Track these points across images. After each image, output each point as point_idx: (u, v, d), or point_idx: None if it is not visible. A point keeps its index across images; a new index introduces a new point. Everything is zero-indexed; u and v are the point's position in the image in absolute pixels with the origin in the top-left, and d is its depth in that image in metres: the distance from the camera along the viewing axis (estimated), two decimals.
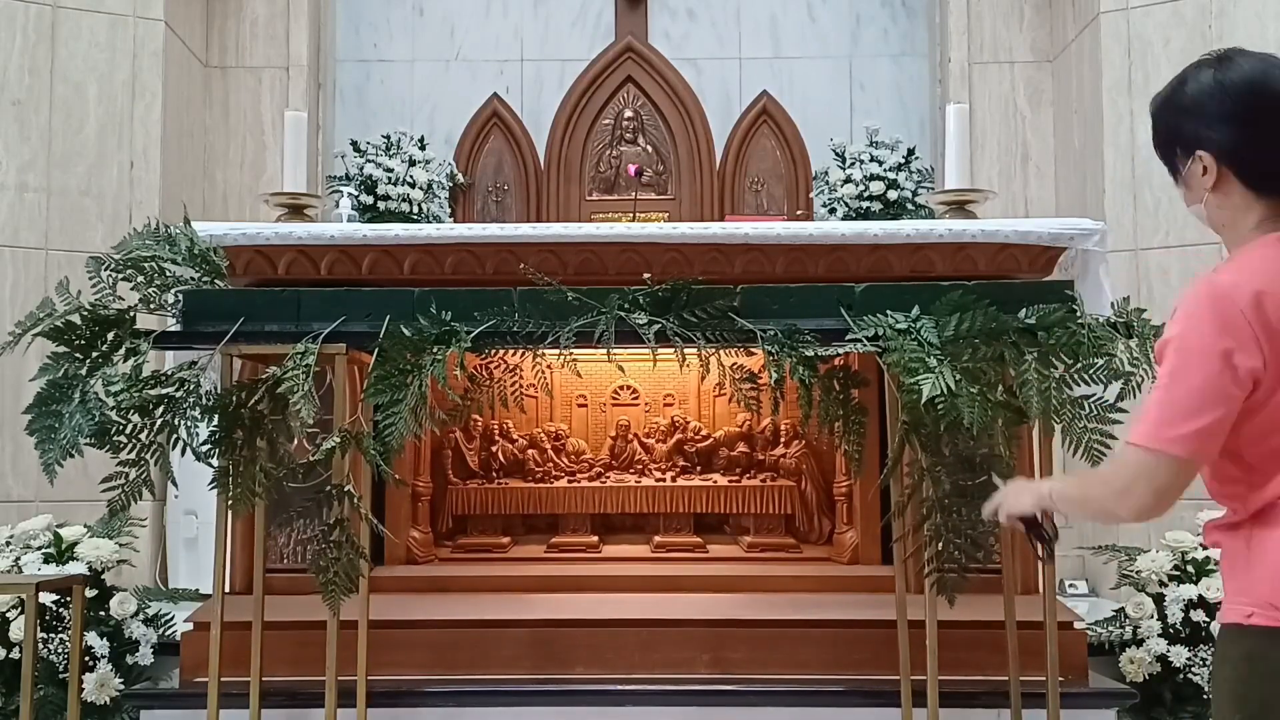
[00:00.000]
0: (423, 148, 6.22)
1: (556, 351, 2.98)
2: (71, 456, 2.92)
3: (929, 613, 3.00)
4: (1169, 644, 3.90)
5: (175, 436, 2.98)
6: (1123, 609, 4.06)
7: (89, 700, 3.59)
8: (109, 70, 5.33)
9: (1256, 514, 1.82)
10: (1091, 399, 2.94)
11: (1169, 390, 1.78)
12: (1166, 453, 1.77)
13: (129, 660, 3.77)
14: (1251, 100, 1.81)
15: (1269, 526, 1.80)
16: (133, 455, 2.96)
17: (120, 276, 3.18)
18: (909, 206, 6.02)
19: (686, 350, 3.00)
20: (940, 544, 2.96)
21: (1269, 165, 1.82)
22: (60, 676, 3.63)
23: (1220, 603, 1.93)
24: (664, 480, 4.12)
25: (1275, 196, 1.83)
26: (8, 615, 3.66)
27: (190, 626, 3.50)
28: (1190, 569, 4.03)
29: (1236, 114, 1.81)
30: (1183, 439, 1.76)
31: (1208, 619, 3.89)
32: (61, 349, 3.00)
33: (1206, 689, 3.70)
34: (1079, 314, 2.99)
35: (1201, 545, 3.99)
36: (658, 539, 4.07)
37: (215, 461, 3.01)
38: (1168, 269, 5.08)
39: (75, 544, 3.91)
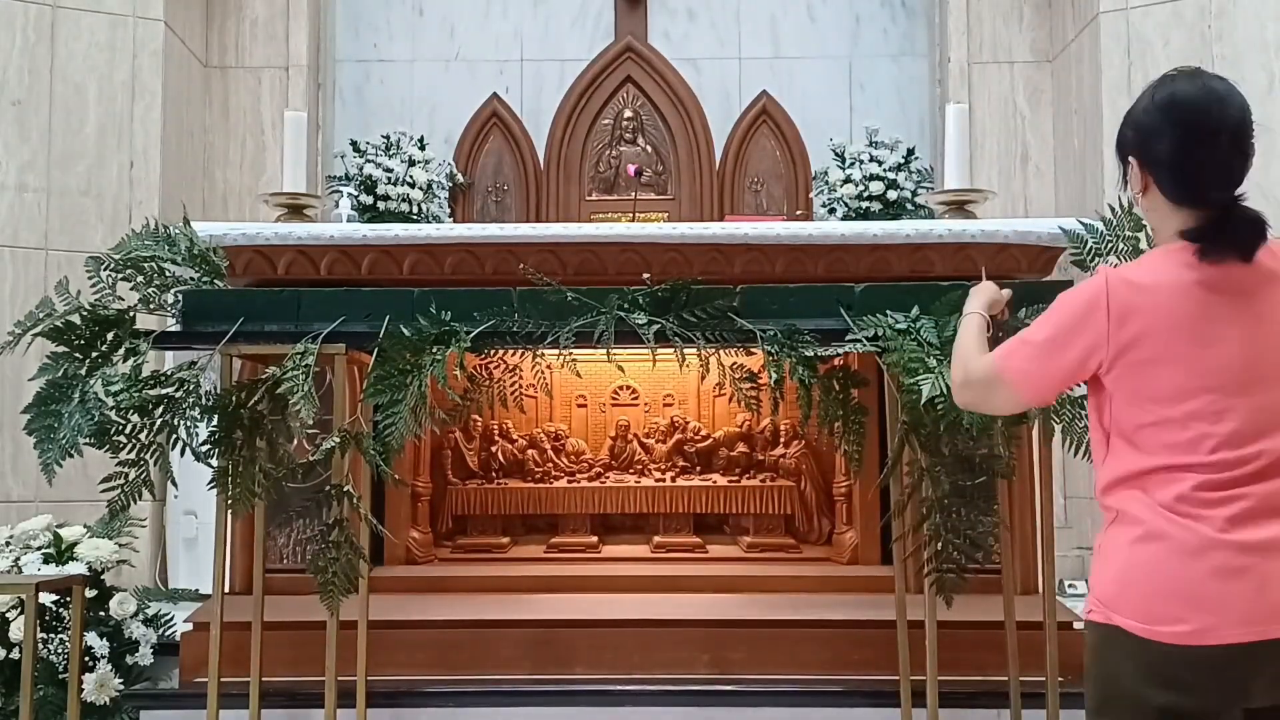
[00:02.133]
0: (422, 148, 6.21)
1: (556, 351, 2.98)
2: (71, 456, 2.91)
3: (928, 613, 2.99)
4: None
5: (175, 436, 2.98)
6: None
7: (89, 700, 3.58)
8: (109, 70, 5.33)
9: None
10: None
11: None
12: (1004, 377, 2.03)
13: (129, 660, 3.76)
14: (1170, 119, 1.91)
15: None
16: (132, 455, 2.96)
17: (120, 276, 3.18)
18: (909, 206, 6.02)
19: (686, 350, 3.00)
20: (939, 544, 2.95)
21: (1180, 181, 1.91)
22: (60, 677, 3.63)
23: None
24: (664, 480, 4.12)
25: (1191, 209, 1.91)
26: (8, 615, 3.65)
27: (190, 627, 3.51)
28: None
29: (1157, 129, 1.92)
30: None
31: None
32: (61, 349, 3.00)
33: None
34: None
35: None
36: (657, 539, 4.07)
37: (215, 461, 3.01)
38: None
39: (75, 544, 3.90)
